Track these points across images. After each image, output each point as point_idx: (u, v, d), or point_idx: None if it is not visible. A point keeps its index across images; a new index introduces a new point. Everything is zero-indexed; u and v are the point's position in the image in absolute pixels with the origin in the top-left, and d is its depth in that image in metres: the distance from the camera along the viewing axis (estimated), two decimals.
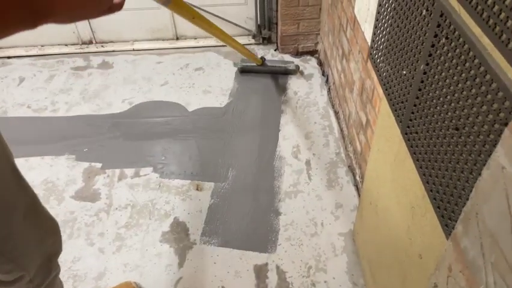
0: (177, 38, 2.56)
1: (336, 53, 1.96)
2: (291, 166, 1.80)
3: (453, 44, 0.67)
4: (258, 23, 2.45)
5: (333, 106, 2.08)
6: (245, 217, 1.61)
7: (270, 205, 1.65)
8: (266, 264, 1.47)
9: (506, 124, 0.52)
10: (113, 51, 2.51)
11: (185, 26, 2.52)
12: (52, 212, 1.66)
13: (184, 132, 1.98)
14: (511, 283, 0.48)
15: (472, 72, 0.62)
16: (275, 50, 2.49)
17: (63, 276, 1.44)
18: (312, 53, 2.46)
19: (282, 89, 2.20)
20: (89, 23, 2.45)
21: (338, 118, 2.00)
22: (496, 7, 0.55)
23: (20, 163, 1.82)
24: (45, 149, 1.90)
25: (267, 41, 2.52)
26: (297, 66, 2.29)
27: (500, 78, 0.56)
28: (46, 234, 1.01)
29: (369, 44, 1.18)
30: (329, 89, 2.17)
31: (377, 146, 1.17)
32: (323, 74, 2.30)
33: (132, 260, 1.48)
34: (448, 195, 0.72)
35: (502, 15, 0.54)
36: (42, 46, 2.53)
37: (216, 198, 1.68)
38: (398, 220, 1.02)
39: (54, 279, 1.09)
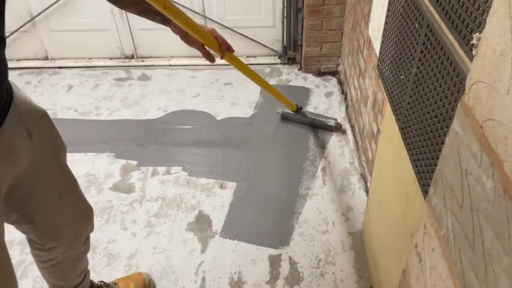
0: None
1: (354, 72, 2.14)
2: (307, 172, 1.96)
3: (435, 49, 0.84)
4: (284, 44, 2.67)
5: (349, 121, 2.24)
6: (263, 213, 1.77)
7: (286, 204, 1.80)
8: (280, 255, 1.61)
9: None
10: (152, 65, 2.77)
11: None
12: (92, 200, 1.88)
13: (212, 137, 2.18)
14: (461, 220, 0.63)
15: (447, 69, 0.78)
16: (299, 70, 2.69)
17: (99, 254, 1.63)
18: (333, 73, 2.64)
19: (304, 105, 2.39)
20: (133, 39, 2.73)
21: (353, 131, 2.15)
22: (462, 16, 0.72)
23: None
24: (88, 147, 2.14)
25: (291, 61, 2.73)
26: (338, 124, 2.18)
27: (463, 71, 0.72)
28: (79, 217, 1.16)
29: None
30: (347, 105, 2.34)
31: (382, 146, 1.33)
32: (342, 93, 2.47)
33: (160, 244, 1.66)
34: (430, 172, 0.87)
35: (465, 22, 0.71)
36: (90, 59, 2.82)
37: (237, 196, 1.85)
38: (396, 208, 1.17)
39: (82, 256, 1.24)
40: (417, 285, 0.85)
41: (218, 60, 2.94)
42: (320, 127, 2.19)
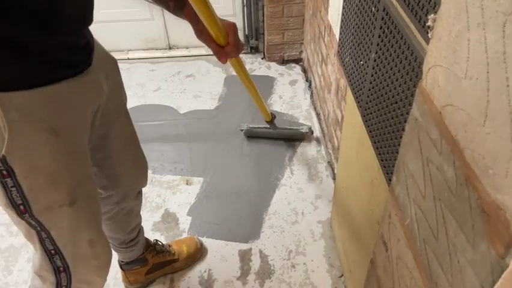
0: (170, 48, 2.71)
1: (317, 59, 2.12)
2: (274, 162, 1.93)
3: (392, 33, 0.82)
4: (246, 33, 2.61)
5: (315, 108, 2.22)
6: (231, 208, 1.73)
7: (255, 197, 1.77)
8: (250, 249, 1.58)
9: None
10: None
11: (177, 36, 2.67)
12: None
13: (176, 132, 2.11)
14: (424, 209, 0.61)
15: (404, 53, 0.76)
16: (262, 59, 2.65)
17: None
18: (297, 61, 2.61)
19: (269, 94, 2.35)
20: None
21: (319, 119, 2.14)
22: None
23: None
24: None
25: (254, 50, 2.68)
26: (310, 130, 2.01)
27: (421, 55, 0.70)
28: (136, 168, 1.18)
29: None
30: (312, 93, 2.32)
31: (345, 133, 1.31)
32: (306, 80, 2.45)
33: None
34: (393, 160, 0.85)
35: (421, 3, 0.68)
36: None
37: (204, 191, 1.80)
38: (362, 196, 1.15)
39: (133, 209, 1.25)
40: (384, 275, 0.83)
41: (179, 52, 2.83)
42: (290, 138, 2.03)
